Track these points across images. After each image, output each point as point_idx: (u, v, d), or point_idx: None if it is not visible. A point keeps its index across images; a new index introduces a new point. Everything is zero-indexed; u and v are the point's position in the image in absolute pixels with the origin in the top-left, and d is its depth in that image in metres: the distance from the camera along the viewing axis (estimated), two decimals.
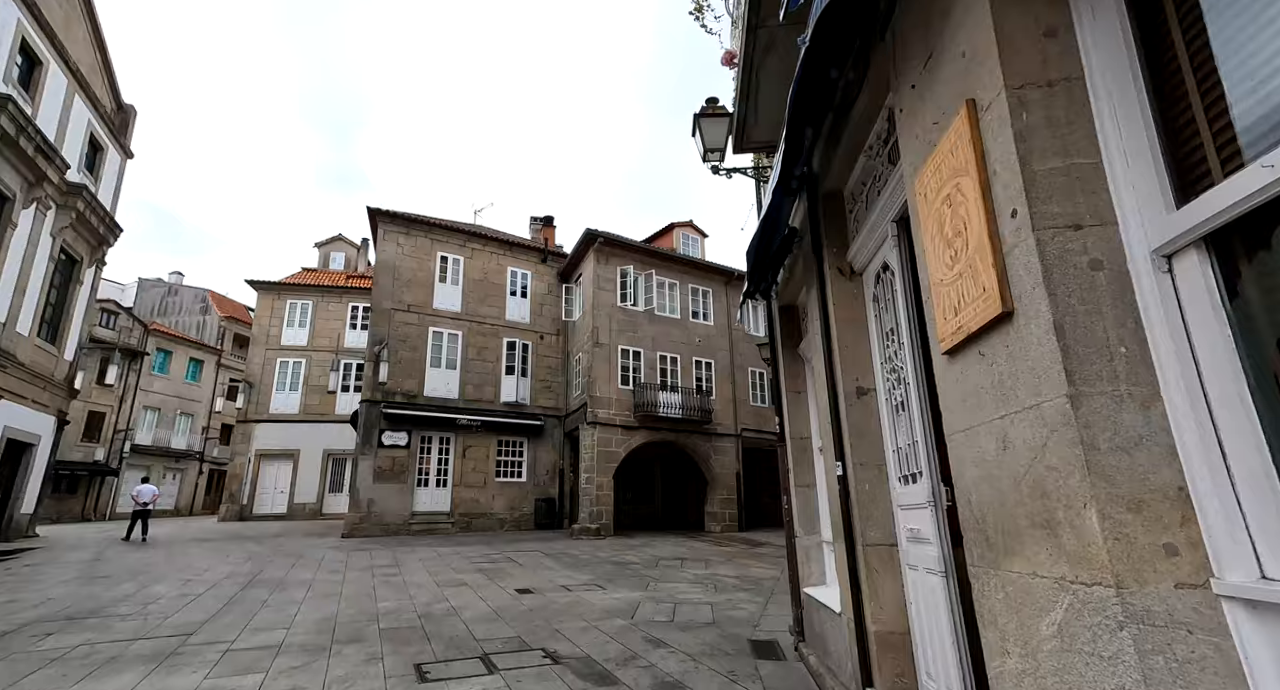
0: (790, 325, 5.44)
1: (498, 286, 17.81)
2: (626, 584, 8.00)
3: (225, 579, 8.14)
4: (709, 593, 7.40)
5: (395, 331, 15.85)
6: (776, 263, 4.75)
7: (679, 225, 19.68)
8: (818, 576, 4.80)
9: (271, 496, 20.67)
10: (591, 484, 14.76)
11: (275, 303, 22.54)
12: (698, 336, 17.61)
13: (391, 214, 16.33)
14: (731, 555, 11.40)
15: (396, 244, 16.43)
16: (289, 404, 21.76)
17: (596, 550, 11.87)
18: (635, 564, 10.01)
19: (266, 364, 21.88)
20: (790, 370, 5.33)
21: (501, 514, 16.22)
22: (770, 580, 8.48)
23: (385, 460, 14.96)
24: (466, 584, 7.91)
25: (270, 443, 21.03)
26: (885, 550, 2.98)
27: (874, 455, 3.15)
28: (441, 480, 15.75)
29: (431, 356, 16.25)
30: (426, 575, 8.59)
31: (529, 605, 6.52)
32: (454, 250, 17.36)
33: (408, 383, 15.72)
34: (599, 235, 16.10)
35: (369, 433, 14.90)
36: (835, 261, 3.46)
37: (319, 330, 22.40)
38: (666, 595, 7.19)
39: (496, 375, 17.07)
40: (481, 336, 17.14)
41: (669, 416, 15.81)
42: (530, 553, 11.31)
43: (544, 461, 17.24)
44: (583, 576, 8.61)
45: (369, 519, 14.32)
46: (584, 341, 16.35)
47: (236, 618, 5.83)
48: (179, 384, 30.49)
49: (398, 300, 16.09)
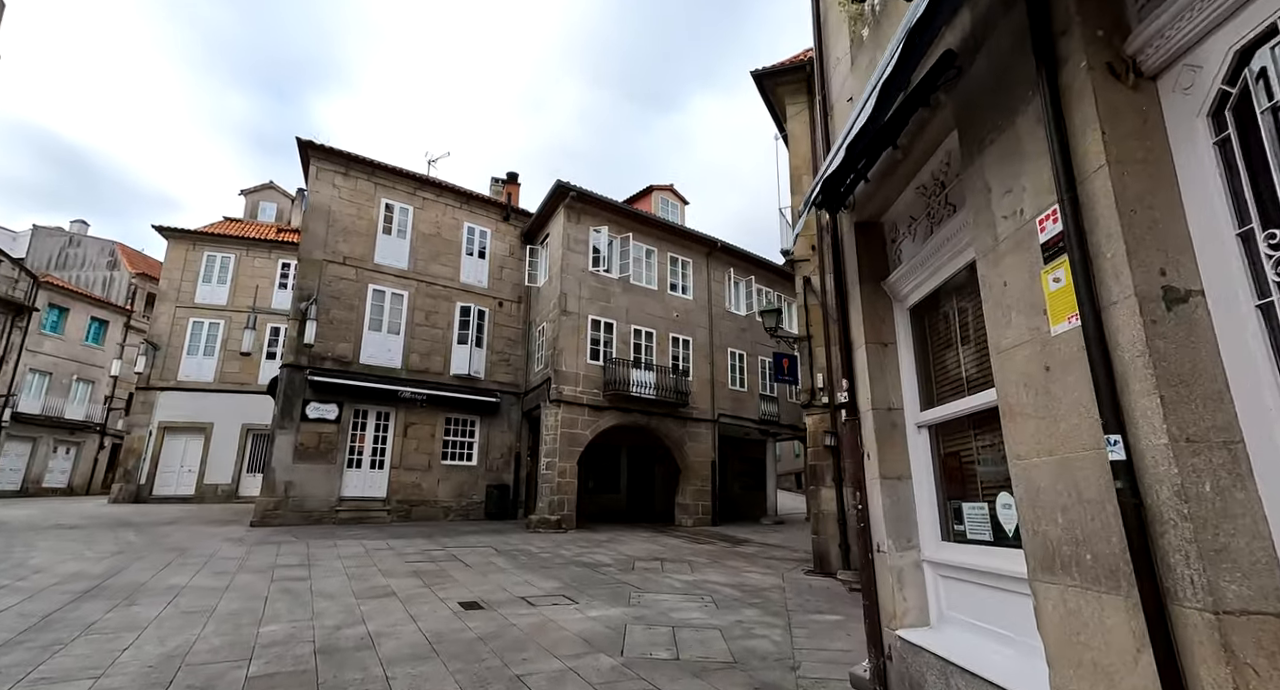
0: (873, 249, 3.83)
1: (452, 244, 15.64)
2: (603, 596, 6.34)
3: (58, 584, 6.00)
4: (710, 610, 5.83)
5: (327, 287, 13.53)
6: (883, 141, 3.11)
7: (658, 189, 17.93)
8: (917, 613, 3.25)
9: (177, 476, 17.91)
10: (552, 470, 13.00)
11: (189, 254, 19.55)
12: (675, 311, 16.00)
13: (327, 149, 13.90)
14: (715, 555, 9.92)
15: (332, 185, 14.03)
16: (203, 371, 18.93)
17: (558, 546, 10.16)
18: (607, 566, 8.36)
19: (176, 324, 18.95)
20: (872, 312, 3.74)
21: (447, 502, 14.25)
22: (774, 591, 6.99)
23: (309, 436, 12.73)
24: (395, 594, 6.07)
25: (177, 414, 18.22)
26: (1273, 625, 1.40)
27: (1217, 421, 1.55)
28: (378, 461, 13.63)
29: (370, 318, 14.00)
30: (344, 580, 6.69)
31: (478, 631, 4.78)
32: (401, 198, 15.06)
33: (340, 347, 13.46)
34: (571, 189, 14.18)
35: (290, 403, 12.62)
36: (1097, 50, 1.83)
37: (241, 288, 19.57)
38: (658, 614, 5.57)
39: (447, 344, 14.97)
40: (431, 299, 14.97)
41: (642, 397, 14.17)
42: (480, 549, 9.50)
43: (498, 443, 15.33)
44: (547, 583, 6.90)
45: (286, 505, 12.11)
46: (549, 310, 14.47)
47: (26, 656, 3.84)
48: (76, 346, 26.69)
49: (332, 251, 13.75)
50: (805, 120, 10.12)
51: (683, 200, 18.37)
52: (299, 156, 14.05)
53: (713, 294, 16.99)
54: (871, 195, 3.66)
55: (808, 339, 9.21)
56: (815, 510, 8.53)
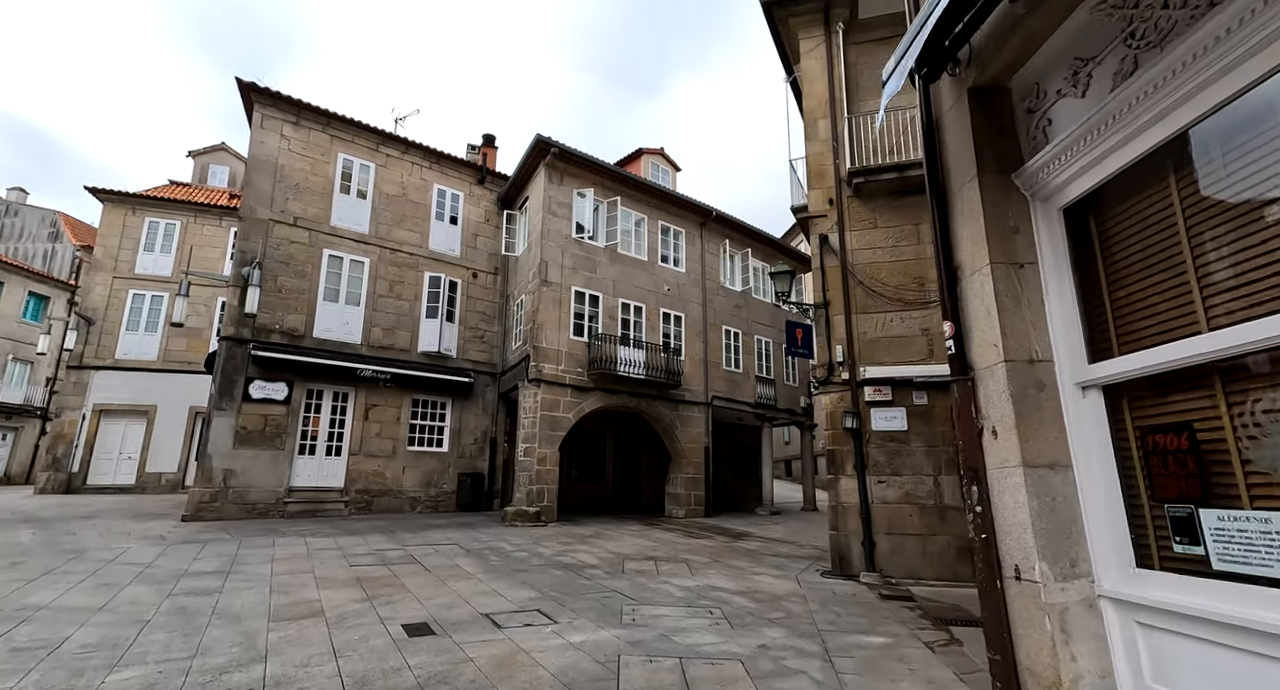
0: (996, 126, 2.57)
1: (420, 207, 14.09)
2: (589, 610, 5.10)
3: None
4: (723, 629, 4.62)
5: (275, 250, 11.95)
6: None
7: (648, 152, 16.51)
8: (1095, 677, 2.04)
9: (115, 464, 16.21)
10: (531, 457, 11.70)
11: (129, 220, 17.65)
12: (667, 284, 14.69)
13: (273, 94, 12.21)
14: (714, 553, 8.75)
15: (280, 135, 12.37)
16: (144, 348, 17.16)
17: (536, 543, 8.91)
18: (593, 568, 7.13)
19: (114, 296, 17.11)
20: (997, 218, 2.48)
21: (414, 492, 12.89)
22: (794, 599, 5.83)
23: (253, 418, 11.23)
24: (323, 613, 4.76)
25: (116, 396, 16.47)
26: None
27: None
28: (334, 447, 12.19)
29: (326, 287, 12.46)
30: (262, 593, 5.35)
31: (421, 672, 3.50)
32: (361, 154, 13.44)
33: (291, 318, 11.92)
34: (552, 145, 12.72)
35: (230, 381, 11.09)
36: None
37: (188, 258, 17.73)
38: (659, 637, 4.35)
39: (414, 318, 13.50)
40: (396, 268, 13.46)
41: (630, 377, 12.90)
42: (444, 547, 8.20)
43: (472, 428, 13.96)
44: (519, 593, 5.64)
45: (225, 496, 10.64)
46: (528, 280, 13.07)
47: None
48: (13, 323, 24.48)
49: (280, 210, 12.14)
50: (822, 56, 8.82)
51: (674, 166, 16.97)
52: (241, 102, 12.34)
53: (706, 267, 15.71)
54: (1005, 38, 2.38)
55: (825, 306, 7.99)
56: (834, 502, 7.38)
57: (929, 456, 7.12)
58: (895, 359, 7.51)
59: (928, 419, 7.23)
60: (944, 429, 7.13)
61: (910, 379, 7.29)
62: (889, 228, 7.94)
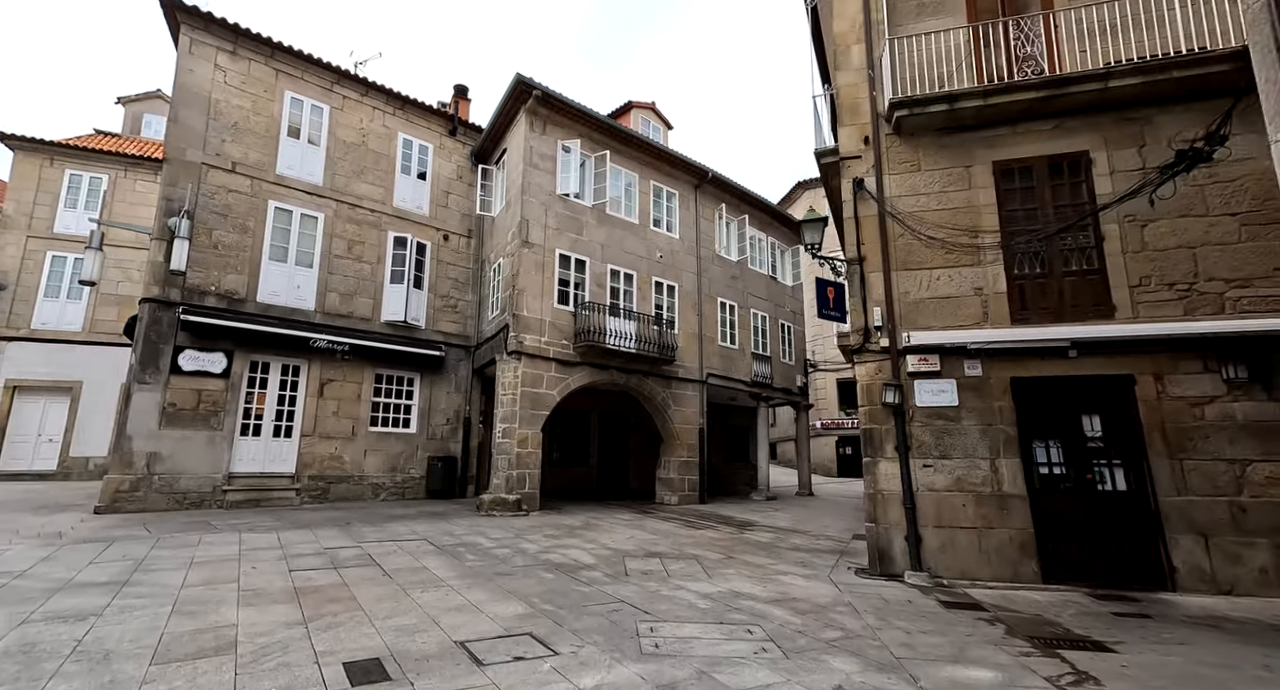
0: None
1: (383, 158, 12.45)
2: (595, 631, 3.92)
3: None
4: (775, 660, 3.50)
5: (210, 199, 10.25)
6: None
7: (639, 106, 15.05)
8: None
9: (32, 446, 14.32)
10: (511, 439, 10.42)
11: (46, 171, 15.49)
12: (659, 250, 13.41)
13: (205, 15, 10.39)
14: (724, 546, 7.67)
15: (214, 65, 10.57)
16: (67, 318, 15.17)
17: (519, 537, 7.69)
18: (589, 569, 5.95)
19: (29, 258, 15.03)
20: None
21: (377, 478, 11.49)
22: (842, 610, 4.76)
23: (184, 394, 9.65)
24: (235, 646, 3.47)
25: (33, 371, 14.51)
26: None
27: None
28: (284, 428, 10.68)
29: (272, 244, 10.81)
30: (160, 614, 4.01)
31: None
32: (313, 93, 11.71)
33: (230, 279, 10.28)
34: (534, 87, 11.21)
35: (154, 350, 9.47)
36: None
37: (118, 217, 15.69)
38: (696, 678, 3.21)
39: (377, 282, 11.96)
40: (355, 225, 11.86)
41: (621, 350, 11.65)
42: (410, 543, 6.92)
43: (443, 407, 12.57)
44: (504, 607, 4.42)
45: (149, 484, 9.11)
46: (507, 242, 11.64)
47: None
48: None
49: (215, 153, 10.41)
50: None
51: (667, 123, 15.57)
52: (166, 23, 10.47)
53: (701, 233, 14.46)
54: None
55: (860, 262, 6.85)
56: (872, 490, 6.32)
57: (984, 436, 6.10)
58: (943, 323, 6.45)
59: (982, 392, 6.19)
60: (1002, 403, 6.10)
61: (963, 346, 6.23)
62: (935, 170, 6.81)
